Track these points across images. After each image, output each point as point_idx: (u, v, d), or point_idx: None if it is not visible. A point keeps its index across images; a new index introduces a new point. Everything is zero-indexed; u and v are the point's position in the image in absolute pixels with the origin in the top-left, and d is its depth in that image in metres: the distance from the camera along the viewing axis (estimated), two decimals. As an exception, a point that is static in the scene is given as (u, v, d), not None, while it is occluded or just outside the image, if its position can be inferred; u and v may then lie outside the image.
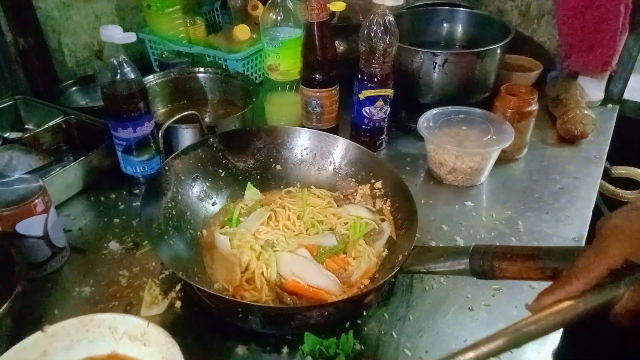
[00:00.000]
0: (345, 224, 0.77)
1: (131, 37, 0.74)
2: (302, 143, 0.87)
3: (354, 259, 0.71)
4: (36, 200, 0.66)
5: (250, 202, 0.82)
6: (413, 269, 0.63)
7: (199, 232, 0.75)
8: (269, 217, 0.77)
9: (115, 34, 0.74)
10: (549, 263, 0.52)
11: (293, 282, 0.67)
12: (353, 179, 0.84)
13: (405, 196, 0.74)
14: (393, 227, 0.75)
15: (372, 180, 0.81)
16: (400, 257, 0.64)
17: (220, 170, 0.82)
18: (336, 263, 0.71)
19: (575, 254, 0.49)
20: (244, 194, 0.83)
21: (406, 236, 0.69)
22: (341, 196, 0.83)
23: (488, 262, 0.54)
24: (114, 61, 0.77)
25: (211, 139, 0.82)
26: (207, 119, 1.08)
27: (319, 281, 0.67)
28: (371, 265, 0.71)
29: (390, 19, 0.88)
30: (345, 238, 0.75)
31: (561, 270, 0.52)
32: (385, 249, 0.73)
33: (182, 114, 0.82)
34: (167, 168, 0.76)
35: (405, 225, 0.72)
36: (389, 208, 0.78)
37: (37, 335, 0.53)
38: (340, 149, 0.85)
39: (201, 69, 1.11)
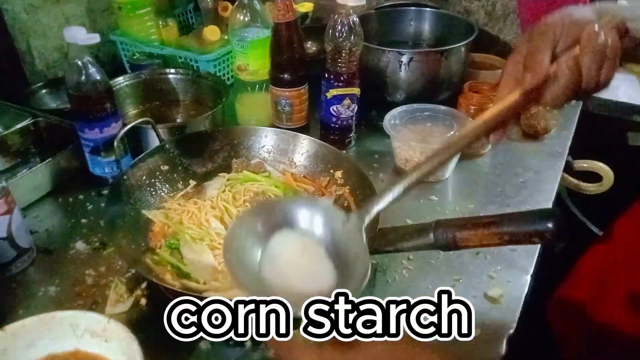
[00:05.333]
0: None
1: (94, 38, 0.75)
2: (259, 142, 0.89)
3: None
4: (-2, 201, 0.66)
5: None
6: (382, 250, 0.65)
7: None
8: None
9: (78, 35, 0.74)
10: (507, 228, 0.55)
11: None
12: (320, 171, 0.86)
13: (364, 182, 0.76)
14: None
15: (331, 171, 0.84)
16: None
17: (176, 176, 0.83)
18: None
19: (530, 217, 0.54)
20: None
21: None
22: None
23: (451, 234, 0.56)
24: (79, 62, 0.78)
25: (167, 145, 0.83)
26: (178, 120, 1.09)
27: None
28: None
29: (355, 19, 0.89)
30: None
31: (517, 234, 0.56)
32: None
33: (136, 122, 0.82)
34: (125, 177, 0.76)
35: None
36: (352, 198, 0.79)
37: (-3, 333, 0.54)
38: (299, 145, 0.87)
39: (172, 70, 1.11)
